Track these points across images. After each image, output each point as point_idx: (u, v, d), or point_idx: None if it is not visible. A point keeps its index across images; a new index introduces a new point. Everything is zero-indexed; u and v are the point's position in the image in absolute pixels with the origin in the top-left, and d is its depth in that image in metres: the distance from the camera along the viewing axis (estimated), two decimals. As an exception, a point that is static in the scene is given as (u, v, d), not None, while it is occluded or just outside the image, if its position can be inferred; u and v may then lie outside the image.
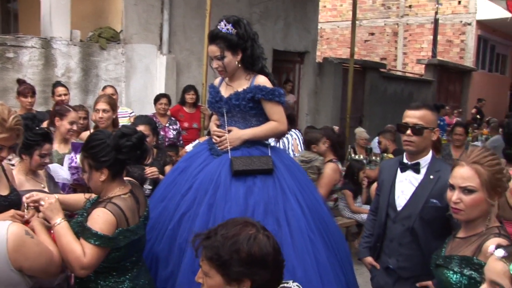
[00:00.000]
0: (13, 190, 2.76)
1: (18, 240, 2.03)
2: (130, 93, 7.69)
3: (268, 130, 3.30)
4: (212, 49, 3.22)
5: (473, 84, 18.14)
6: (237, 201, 3.01)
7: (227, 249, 1.77)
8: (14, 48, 6.53)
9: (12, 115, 2.53)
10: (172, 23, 8.09)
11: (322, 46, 19.72)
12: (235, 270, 1.76)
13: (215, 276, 1.80)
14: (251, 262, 1.76)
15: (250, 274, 1.76)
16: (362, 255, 3.32)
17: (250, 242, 1.77)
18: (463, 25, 17.86)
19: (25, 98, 5.46)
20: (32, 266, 2.10)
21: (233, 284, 1.78)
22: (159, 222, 3.15)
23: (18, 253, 2.03)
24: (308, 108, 11.27)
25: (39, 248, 2.15)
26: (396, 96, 13.58)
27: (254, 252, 1.76)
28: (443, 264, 2.30)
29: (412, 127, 2.91)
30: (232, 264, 1.76)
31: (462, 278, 2.18)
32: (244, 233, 1.80)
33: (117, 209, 2.46)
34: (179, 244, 2.99)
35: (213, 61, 3.26)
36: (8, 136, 2.52)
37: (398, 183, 3.06)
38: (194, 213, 3.04)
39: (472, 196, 2.24)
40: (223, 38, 3.18)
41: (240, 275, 1.77)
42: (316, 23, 11.58)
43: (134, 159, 2.58)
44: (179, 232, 3.04)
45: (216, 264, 1.79)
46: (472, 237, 2.26)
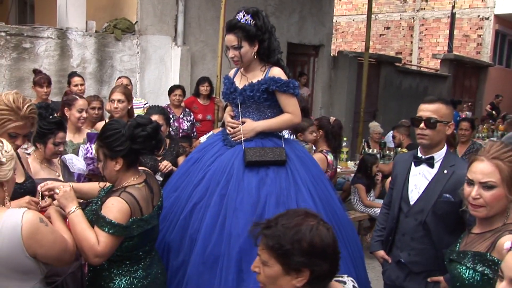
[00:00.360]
0: (28, 178, 2.80)
1: (32, 227, 2.05)
2: (144, 84, 7.72)
3: (282, 122, 3.31)
4: (229, 38, 3.22)
5: (489, 79, 17.92)
6: (250, 192, 3.02)
7: (289, 238, 1.77)
8: (31, 38, 6.58)
9: (26, 104, 2.57)
10: (187, 15, 8.10)
11: (337, 40, 19.61)
12: (296, 260, 1.76)
13: (275, 265, 1.80)
14: (312, 252, 1.76)
15: (310, 265, 1.77)
16: (374, 249, 3.31)
17: (312, 232, 1.78)
18: (480, 20, 17.63)
19: (41, 88, 5.52)
20: (46, 253, 2.12)
21: (292, 274, 1.78)
22: (171, 212, 3.18)
23: (32, 240, 2.05)
24: (322, 102, 11.23)
25: (53, 236, 2.16)
26: (411, 91, 13.47)
27: (315, 242, 1.77)
28: (456, 259, 2.28)
29: (425, 121, 2.90)
30: (294, 253, 1.76)
31: (475, 274, 2.15)
32: (306, 224, 1.80)
33: (131, 198, 2.48)
34: (191, 234, 3.02)
35: (229, 50, 3.26)
36: (22, 124, 2.56)
37: (411, 177, 3.04)
38: (206, 203, 3.06)
39: (493, 192, 2.18)
40: (241, 28, 3.19)
41: (300, 265, 1.77)
42: (331, 16, 11.51)
43: (148, 149, 2.59)
44: (190, 222, 3.06)
45: (277, 253, 1.78)
46: (487, 233, 2.22)
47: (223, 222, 2.96)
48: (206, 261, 2.88)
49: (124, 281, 2.56)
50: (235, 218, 2.94)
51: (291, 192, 3.07)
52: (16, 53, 6.46)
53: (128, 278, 2.57)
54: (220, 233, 2.93)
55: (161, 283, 2.74)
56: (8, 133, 2.54)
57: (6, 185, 2.14)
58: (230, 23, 3.23)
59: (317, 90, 11.21)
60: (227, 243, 2.89)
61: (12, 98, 2.53)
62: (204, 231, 2.96)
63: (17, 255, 2.04)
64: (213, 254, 2.88)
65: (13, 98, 2.53)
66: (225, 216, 2.98)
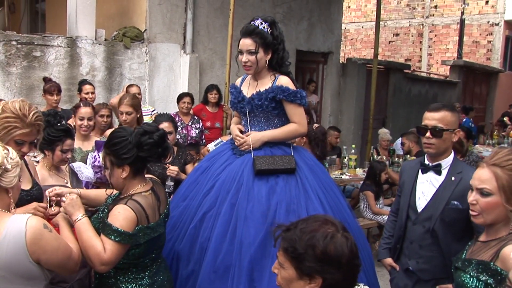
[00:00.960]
0: (35, 185, 2.81)
1: (36, 233, 2.06)
2: (153, 92, 7.76)
3: (288, 132, 3.32)
4: (246, 43, 3.22)
5: (500, 85, 17.81)
6: (260, 201, 3.02)
7: (304, 243, 1.78)
8: (41, 47, 6.65)
9: (32, 111, 2.59)
10: (196, 23, 8.14)
11: (346, 47, 19.61)
12: (308, 265, 1.76)
13: (289, 268, 1.81)
14: (325, 259, 1.75)
15: (322, 272, 1.76)
16: (381, 256, 3.29)
17: (326, 240, 1.77)
18: (490, 26, 17.56)
19: (51, 96, 5.57)
20: (49, 259, 2.13)
21: (305, 279, 1.79)
22: (180, 220, 3.17)
23: (36, 246, 2.06)
24: (331, 109, 11.22)
25: (57, 243, 2.17)
26: (420, 98, 13.42)
27: (329, 250, 1.76)
28: (461, 267, 2.25)
29: (431, 130, 2.88)
30: (306, 258, 1.76)
31: (478, 283, 2.12)
32: (322, 230, 1.80)
33: (138, 206, 2.48)
34: (201, 243, 3.01)
35: (243, 55, 3.25)
36: (28, 132, 2.58)
37: (419, 185, 3.03)
38: (217, 212, 3.06)
39: (488, 200, 2.16)
40: (259, 35, 3.21)
41: (312, 271, 1.77)
42: (340, 23, 11.52)
43: (155, 156, 2.60)
44: (201, 231, 3.06)
45: (291, 256, 1.80)
46: (492, 242, 2.19)
47: (234, 231, 2.96)
48: (217, 270, 2.88)
49: None
50: (246, 227, 2.93)
51: (301, 200, 3.06)
52: (26, 62, 6.52)
53: (134, 286, 2.57)
54: (231, 242, 2.93)
55: None
56: (15, 140, 2.56)
57: (11, 192, 2.16)
58: (248, 27, 3.23)
59: (326, 98, 11.20)
60: (238, 252, 2.88)
61: (18, 105, 2.56)
62: (215, 240, 2.96)
63: (21, 261, 2.05)
64: (224, 263, 2.88)
65: (19, 106, 2.56)
66: (235, 225, 2.97)
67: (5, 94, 6.25)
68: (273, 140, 3.30)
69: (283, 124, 3.33)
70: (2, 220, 2.07)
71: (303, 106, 3.31)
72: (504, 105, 16.58)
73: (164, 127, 4.20)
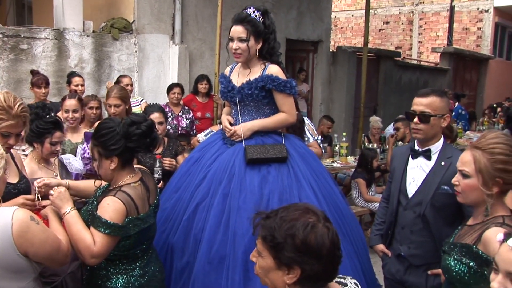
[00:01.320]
0: (23, 178, 2.79)
1: (23, 226, 2.04)
2: (143, 83, 7.71)
3: (277, 121, 3.32)
4: (237, 30, 3.21)
5: (490, 72, 17.88)
6: (252, 191, 3.02)
7: (283, 232, 1.71)
8: (28, 39, 6.57)
9: (18, 103, 2.57)
10: (184, 13, 8.08)
11: (336, 35, 19.57)
12: (287, 255, 1.70)
13: (267, 257, 1.75)
14: (304, 250, 1.69)
15: (301, 262, 1.69)
16: (373, 243, 3.30)
17: (307, 229, 1.70)
18: (480, 12, 17.58)
19: (39, 89, 5.52)
20: (37, 252, 2.11)
21: (283, 269, 1.72)
22: (174, 212, 3.17)
23: (23, 239, 2.04)
24: (322, 98, 11.21)
25: (45, 235, 2.15)
26: (411, 85, 13.44)
27: (309, 240, 1.68)
28: (446, 251, 2.27)
29: (419, 115, 2.89)
30: (285, 248, 1.70)
31: (462, 266, 2.13)
32: (303, 219, 1.73)
33: (127, 197, 2.47)
34: (195, 235, 3.01)
35: (233, 42, 3.24)
36: (14, 123, 2.56)
37: (409, 170, 3.03)
38: (209, 203, 3.06)
39: (467, 181, 2.21)
40: (251, 23, 3.20)
41: (291, 261, 1.70)
42: (330, 11, 11.49)
43: (143, 147, 2.58)
44: (194, 222, 3.05)
45: (269, 245, 1.73)
46: (477, 225, 2.20)
47: (227, 221, 2.96)
48: (212, 261, 2.88)
49: (121, 280, 2.56)
50: (239, 217, 2.93)
51: (294, 189, 3.07)
52: (13, 55, 6.45)
53: (125, 277, 2.56)
54: (224, 233, 2.93)
55: (159, 281, 2.73)
56: (1, 132, 2.54)
57: None
58: (240, 15, 3.23)
59: (316, 86, 11.19)
60: (232, 242, 2.88)
61: (3, 97, 2.53)
62: (209, 231, 2.96)
63: (9, 254, 2.03)
64: (219, 254, 2.88)
65: (3, 98, 2.53)
66: (229, 216, 2.97)
67: (-7, 88, 6.19)
68: (263, 130, 3.30)
69: (273, 113, 3.33)
70: None
71: (292, 96, 3.31)
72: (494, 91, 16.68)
73: (155, 118, 4.17)
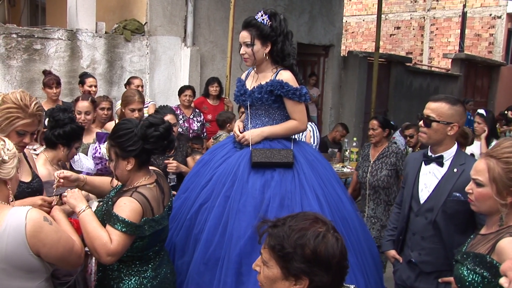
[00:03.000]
0: (35, 177, 2.80)
1: (36, 226, 2.05)
2: (154, 85, 7.74)
3: (287, 129, 3.31)
4: (243, 35, 3.22)
5: (501, 79, 17.74)
6: (253, 194, 3.00)
7: (293, 242, 1.66)
8: (41, 40, 6.62)
9: (33, 102, 2.60)
10: (197, 16, 8.11)
11: (347, 40, 19.55)
12: (296, 266, 1.65)
13: (274, 267, 1.70)
14: (314, 260, 1.64)
15: (310, 273, 1.65)
16: (385, 248, 3.29)
17: (318, 239, 1.65)
18: (492, 18, 17.47)
19: (50, 89, 5.54)
20: (49, 252, 2.11)
21: (291, 279, 1.68)
22: (180, 212, 3.19)
23: (36, 239, 2.04)
24: (332, 102, 11.19)
25: (58, 236, 2.15)
26: (421, 91, 13.39)
27: (319, 251, 1.64)
28: (459, 260, 2.23)
29: (424, 119, 2.91)
30: (294, 258, 1.65)
31: (475, 276, 2.09)
32: (313, 229, 1.68)
33: (143, 198, 2.47)
34: (195, 235, 3.03)
35: (241, 47, 3.25)
36: (30, 122, 2.58)
37: (422, 176, 3.02)
38: (211, 204, 3.07)
39: (480, 190, 2.16)
40: (255, 26, 3.19)
41: (300, 272, 1.65)
42: (341, 16, 11.48)
43: (160, 149, 2.59)
44: (195, 222, 3.07)
45: (278, 254, 1.68)
46: (491, 234, 2.17)
47: (226, 224, 2.96)
48: (207, 262, 2.89)
49: (134, 281, 2.56)
50: (237, 220, 2.93)
51: (296, 195, 3.04)
52: (27, 55, 6.50)
53: (137, 278, 2.57)
54: (222, 235, 2.93)
55: (170, 283, 2.74)
56: (17, 131, 2.55)
57: (10, 183, 2.15)
58: (246, 20, 3.24)
59: (327, 91, 11.18)
60: (228, 245, 2.88)
61: (19, 96, 2.55)
62: (207, 232, 2.97)
63: (22, 253, 2.04)
64: (215, 255, 2.89)
65: (20, 96, 2.55)
66: (228, 218, 2.98)
67: (6, 87, 6.23)
68: (272, 136, 3.29)
69: (284, 117, 3.31)
70: (2, 212, 2.06)
71: (303, 103, 3.29)
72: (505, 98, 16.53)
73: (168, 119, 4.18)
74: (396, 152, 5.07)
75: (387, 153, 5.11)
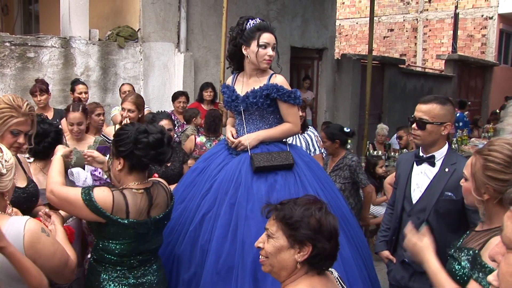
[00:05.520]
0: (31, 182, 2.81)
1: (33, 236, 2.06)
2: (148, 91, 7.75)
3: (282, 131, 3.33)
4: (272, 38, 3.26)
5: (495, 79, 17.84)
6: (260, 199, 2.99)
7: (300, 212, 1.89)
8: (35, 48, 6.63)
9: (25, 102, 2.65)
10: (190, 21, 8.14)
11: (341, 43, 19.62)
12: (303, 232, 1.86)
13: (281, 237, 1.90)
14: (319, 229, 1.87)
15: (314, 239, 1.85)
16: (379, 249, 3.31)
17: (321, 212, 1.91)
18: (484, 19, 17.58)
19: (35, 97, 5.44)
20: (44, 264, 2.11)
21: (296, 247, 1.88)
22: (179, 223, 3.15)
23: (32, 249, 2.05)
24: (327, 105, 11.22)
25: (54, 248, 2.16)
26: (415, 92, 13.43)
27: (323, 221, 1.88)
28: (453, 255, 2.27)
29: (417, 121, 2.92)
30: (302, 226, 1.86)
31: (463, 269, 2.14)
32: (316, 205, 1.94)
33: (121, 198, 2.51)
34: (201, 245, 2.99)
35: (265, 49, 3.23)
36: (24, 121, 2.62)
37: (414, 176, 3.04)
38: (216, 213, 3.04)
39: (464, 184, 2.24)
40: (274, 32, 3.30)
41: (306, 238, 1.86)
42: (334, 19, 11.52)
43: (148, 157, 2.59)
44: (201, 233, 3.04)
45: (287, 223, 1.89)
46: (485, 232, 2.19)
47: (235, 231, 2.95)
48: (220, 271, 2.86)
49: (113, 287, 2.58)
50: (247, 227, 2.91)
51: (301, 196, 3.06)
52: (20, 63, 6.50)
53: (117, 285, 2.58)
54: (232, 243, 2.91)
55: None
56: (11, 130, 2.59)
57: (7, 195, 2.15)
58: (267, 24, 3.29)
59: (321, 94, 11.21)
60: (241, 252, 2.86)
61: (11, 97, 2.62)
62: (216, 241, 2.94)
63: None
64: (227, 264, 2.86)
65: (12, 98, 2.62)
66: (236, 225, 2.96)
67: None
68: (268, 140, 3.31)
69: (278, 121, 3.34)
70: (1, 222, 2.06)
71: (297, 106, 3.33)
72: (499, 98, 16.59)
73: (164, 124, 4.18)
74: (349, 165, 4.97)
75: (341, 165, 5.04)
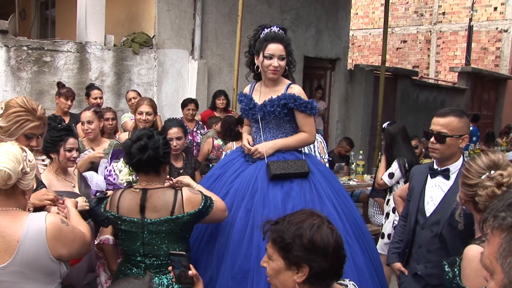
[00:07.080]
0: (40, 183, 2.84)
1: (56, 229, 2.16)
2: (161, 98, 7.80)
3: (298, 141, 3.37)
4: (279, 48, 3.27)
5: (508, 92, 17.68)
6: (276, 206, 3.04)
7: (291, 233, 1.84)
8: (51, 52, 6.71)
9: (39, 105, 2.68)
10: (204, 29, 8.19)
11: (354, 54, 19.59)
12: (296, 254, 1.83)
13: (278, 259, 1.88)
14: (312, 248, 1.82)
15: (309, 260, 1.82)
16: (391, 261, 3.29)
17: (313, 229, 1.84)
18: (499, 32, 17.47)
19: (66, 100, 5.57)
20: (69, 251, 2.24)
21: (293, 268, 1.85)
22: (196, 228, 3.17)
23: (56, 241, 2.16)
24: (339, 115, 11.21)
25: (73, 234, 2.27)
26: (428, 104, 13.38)
27: (315, 239, 1.82)
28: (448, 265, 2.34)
29: (435, 135, 2.90)
30: (294, 248, 1.83)
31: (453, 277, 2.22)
32: (308, 221, 1.87)
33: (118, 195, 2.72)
34: (218, 250, 3.03)
35: (271, 60, 3.26)
36: (38, 124, 2.66)
37: (428, 189, 3.03)
38: (232, 219, 3.07)
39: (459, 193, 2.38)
40: (288, 41, 3.31)
41: (300, 260, 1.83)
42: (348, 30, 11.53)
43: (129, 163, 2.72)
44: (217, 238, 3.07)
45: (279, 246, 1.86)
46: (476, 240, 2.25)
47: (251, 236, 2.97)
48: (235, 276, 2.88)
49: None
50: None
51: (316, 204, 3.09)
52: (36, 67, 6.58)
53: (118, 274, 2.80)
54: (248, 248, 2.94)
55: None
56: (25, 134, 2.59)
57: (28, 194, 2.23)
58: (278, 34, 3.30)
59: (333, 104, 11.20)
60: (257, 257, 2.87)
61: (25, 100, 2.62)
62: (232, 246, 2.98)
63: (42, 257, 2.13)
64: (243, 268, 2.89)
65: (25, 100, 2.62)
66: (252, 231, 2.98)
67: (15, 99, 6.28)
68: (284, 149, 3.34)
69: (294, 130, 3.38)
70: (22, 218, 2.14)
71: (313, 116, 3.38)
72: (512, 112, 16.50)
73: (173, 133, 4.20)
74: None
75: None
